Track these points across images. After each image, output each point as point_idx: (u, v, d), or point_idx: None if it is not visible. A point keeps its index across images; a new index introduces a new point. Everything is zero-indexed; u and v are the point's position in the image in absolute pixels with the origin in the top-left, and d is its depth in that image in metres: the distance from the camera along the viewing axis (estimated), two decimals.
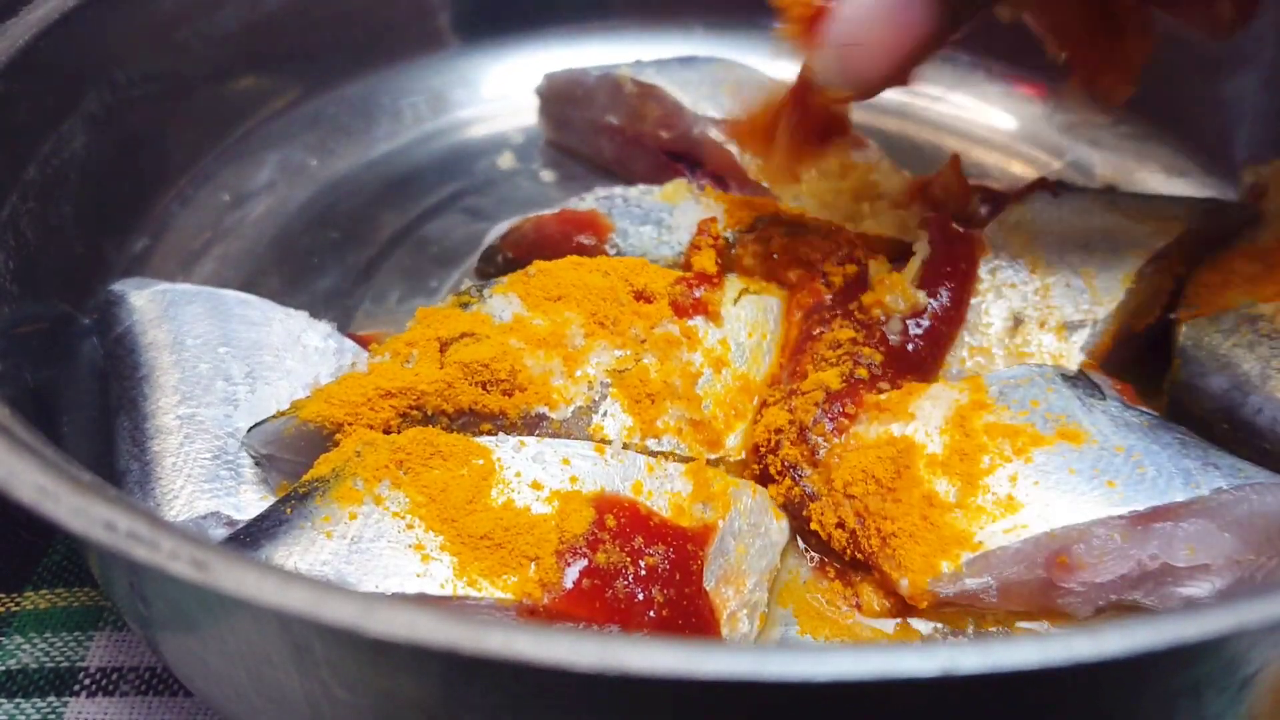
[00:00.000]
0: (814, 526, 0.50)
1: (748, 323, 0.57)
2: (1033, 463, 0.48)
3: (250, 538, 0.44)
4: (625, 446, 0.50)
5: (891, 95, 0.57)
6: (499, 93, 0.85)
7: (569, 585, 0.42)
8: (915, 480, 0.49)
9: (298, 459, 0.49)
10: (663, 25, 0.88)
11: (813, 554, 0.51)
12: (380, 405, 0.49)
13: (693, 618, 0.44)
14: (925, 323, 0.56)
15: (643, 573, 0.44)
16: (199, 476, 0.49)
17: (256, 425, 0.50)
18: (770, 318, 0.58)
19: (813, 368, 0.54)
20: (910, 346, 0.55)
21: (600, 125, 0.78)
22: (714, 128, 0.71)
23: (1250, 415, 0.52)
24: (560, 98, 0.80)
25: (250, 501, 0.49)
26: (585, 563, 0.43)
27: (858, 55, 0.47)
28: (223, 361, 0.53)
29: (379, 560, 0.42)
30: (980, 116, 0.84)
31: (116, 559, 0.40)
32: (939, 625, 0.49)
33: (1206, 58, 0.71)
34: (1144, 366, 0.58)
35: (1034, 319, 0.57)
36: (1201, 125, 0.76)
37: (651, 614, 0.43)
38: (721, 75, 0.74)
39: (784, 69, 0.76)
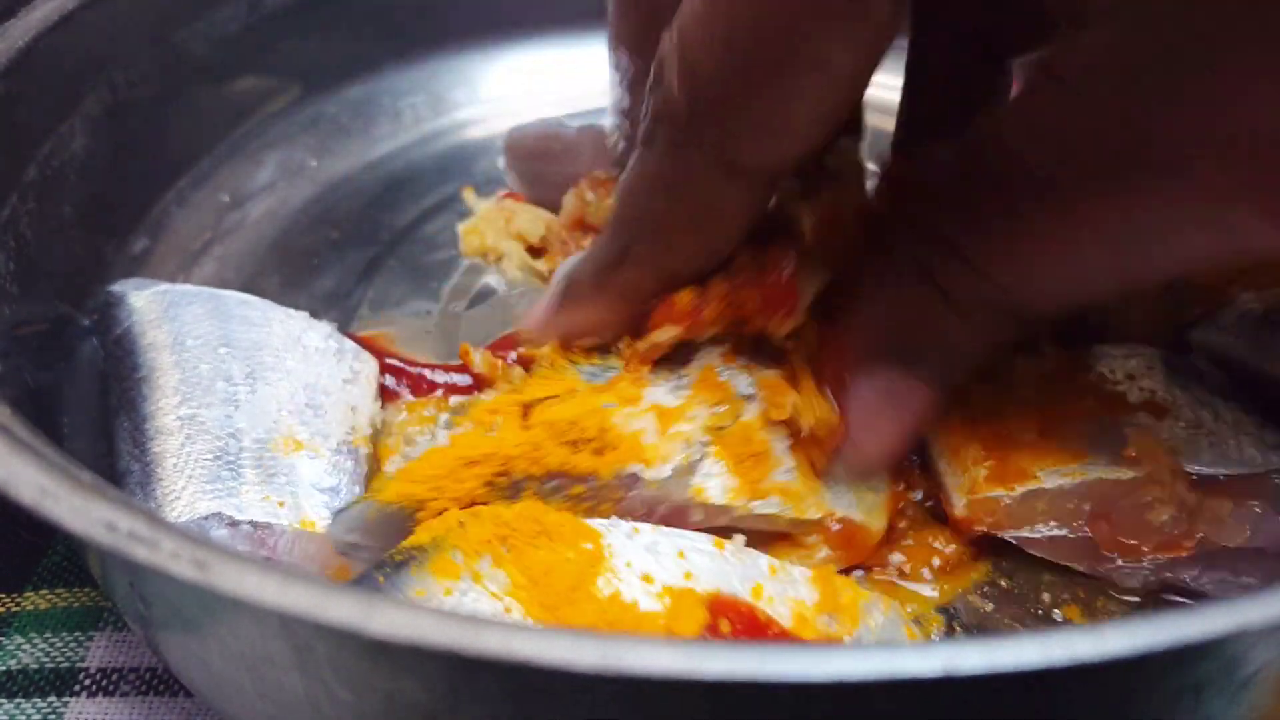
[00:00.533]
0: None
1: None
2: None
3: None
4: (728, 509, 0.47)
5: (890, 96, 0.57)
6: (499, 93, 0.85)
7: None
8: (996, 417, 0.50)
9: (383, 545, 0.46)
10: None
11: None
12: (464, 475, 0.45)
13: None
14: None
15: None
16: (200, 477, 0.49)
17: (341, 511, 0.48)
18: None
19: None
20: None
21: (583, 179, 0.69)
22: None
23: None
24: (532, 154, 0.73)
25: (251, 502, 0.49)
26: None
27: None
28: (223, 362, 0.53)
29: None
30: None
31: (116, 559, 0.40)
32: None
33: None
34: None
35: None
36: None
37: None
38: None
39: None
